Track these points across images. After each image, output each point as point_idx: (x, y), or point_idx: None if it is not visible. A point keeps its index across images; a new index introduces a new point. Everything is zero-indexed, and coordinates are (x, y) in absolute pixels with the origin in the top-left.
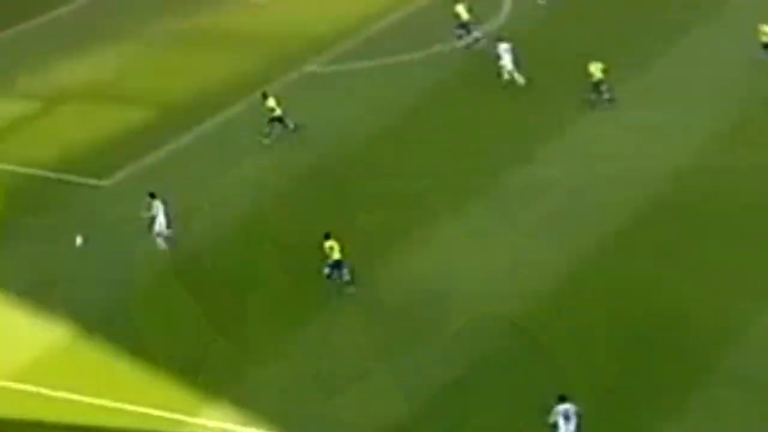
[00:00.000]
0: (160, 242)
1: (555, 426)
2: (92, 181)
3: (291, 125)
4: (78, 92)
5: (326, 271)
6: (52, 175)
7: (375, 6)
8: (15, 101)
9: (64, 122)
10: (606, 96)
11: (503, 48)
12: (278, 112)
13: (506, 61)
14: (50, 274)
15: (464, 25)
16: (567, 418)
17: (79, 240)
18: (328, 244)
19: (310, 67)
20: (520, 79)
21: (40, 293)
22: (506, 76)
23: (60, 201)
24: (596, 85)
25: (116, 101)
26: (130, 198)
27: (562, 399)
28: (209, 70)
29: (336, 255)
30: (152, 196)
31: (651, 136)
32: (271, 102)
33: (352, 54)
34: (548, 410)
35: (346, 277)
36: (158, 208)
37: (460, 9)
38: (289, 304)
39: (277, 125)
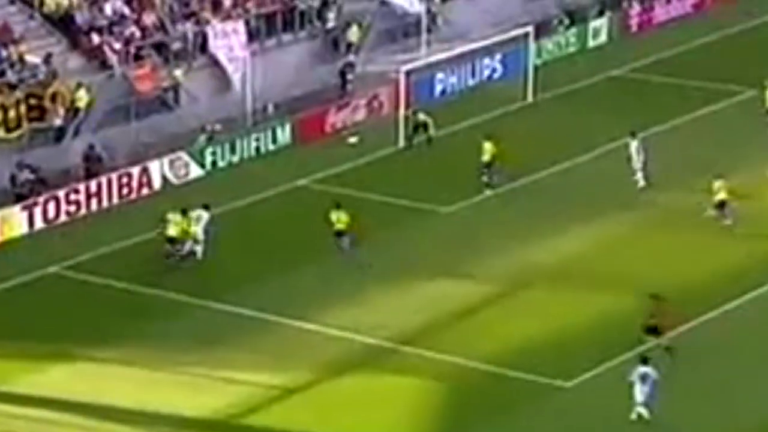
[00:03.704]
0: None
1: (632, 385)
2: (554, 382)
3: None
4: (544, 276)
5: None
6: (506, 372)
7: None
8: (471, 285)
9: (524, 310)
10: None
11: (634, 146)
12: None
13: (637, 160)
14: None
15: None
16: (644, 380)
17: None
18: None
19: None
20: (641, 181)
21: None
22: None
23: (514, 404)
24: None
25: (590, 288)
26: (595, 405)
27: (644, 361)
28: (703, 256)
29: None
30: None
31: None
32: None
33: None
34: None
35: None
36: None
37: None
38: None
39: None
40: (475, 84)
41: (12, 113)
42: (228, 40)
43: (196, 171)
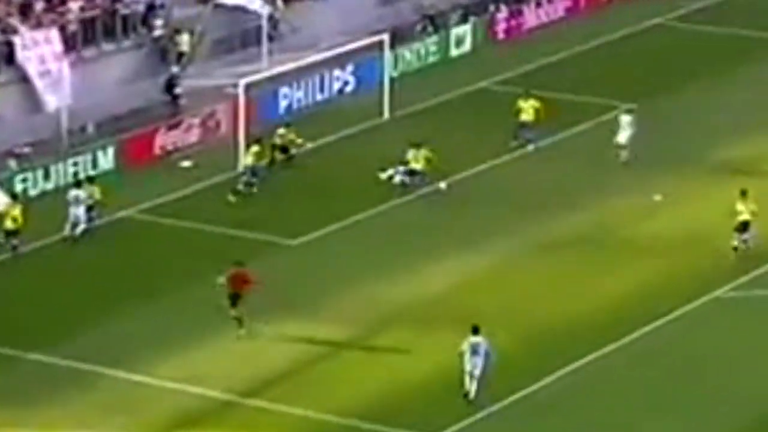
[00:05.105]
0: None
1: (461, 356)
2: None
3: None
4: (406, 315)
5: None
6: (362, 425)
7: None
8: (321, 327)
9: (383, 354)
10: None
11: (626, 120)
12: None
13: (623, 136)
14: None
15: None
16: (475, 351)
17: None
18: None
19: (719, 291)
20: (624, 156)
21: None
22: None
23: None
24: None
25: (455, 328)
26: None
27: (475, 331)
28: (586, 288)
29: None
30: None
31: None
32: None
33: None
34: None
35: None
36: None
37: None
38: None
39: None
40: (324, 99)
41: None
42: (39, 50)
43: (3, 201)
